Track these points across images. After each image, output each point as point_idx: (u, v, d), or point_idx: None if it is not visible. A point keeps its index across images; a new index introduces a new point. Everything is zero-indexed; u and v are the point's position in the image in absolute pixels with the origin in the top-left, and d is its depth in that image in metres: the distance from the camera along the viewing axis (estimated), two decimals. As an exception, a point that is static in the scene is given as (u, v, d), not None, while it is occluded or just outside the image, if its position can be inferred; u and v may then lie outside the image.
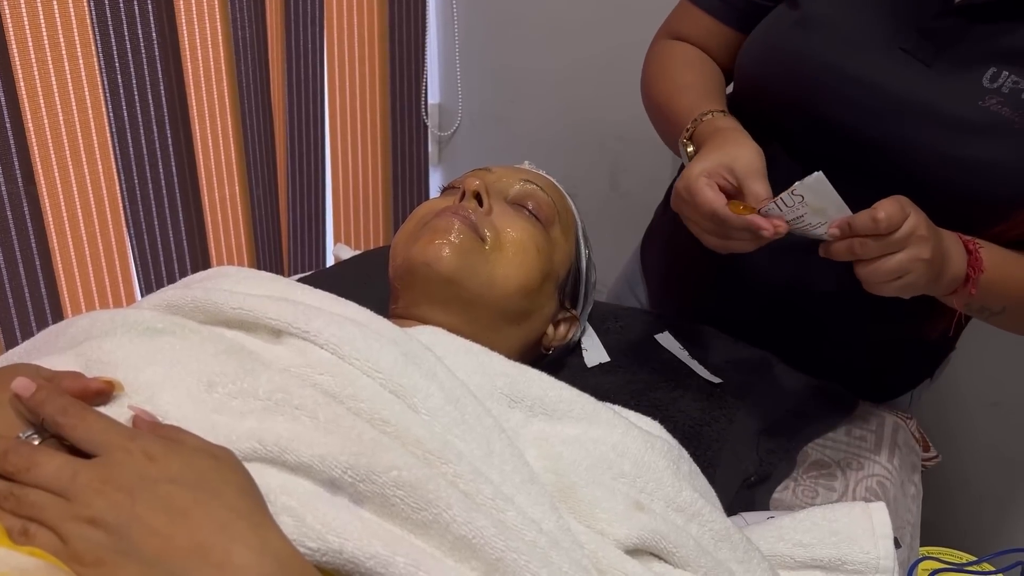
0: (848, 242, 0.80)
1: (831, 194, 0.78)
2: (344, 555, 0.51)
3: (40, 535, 0.47)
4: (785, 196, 0.79)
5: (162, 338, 0.64)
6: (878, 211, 0.78)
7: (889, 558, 0.75)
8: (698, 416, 0.93)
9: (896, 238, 0.79)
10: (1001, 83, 0.89)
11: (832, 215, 0.79)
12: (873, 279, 0.82)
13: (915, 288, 0.83)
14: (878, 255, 0.80)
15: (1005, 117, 0.89)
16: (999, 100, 0.89)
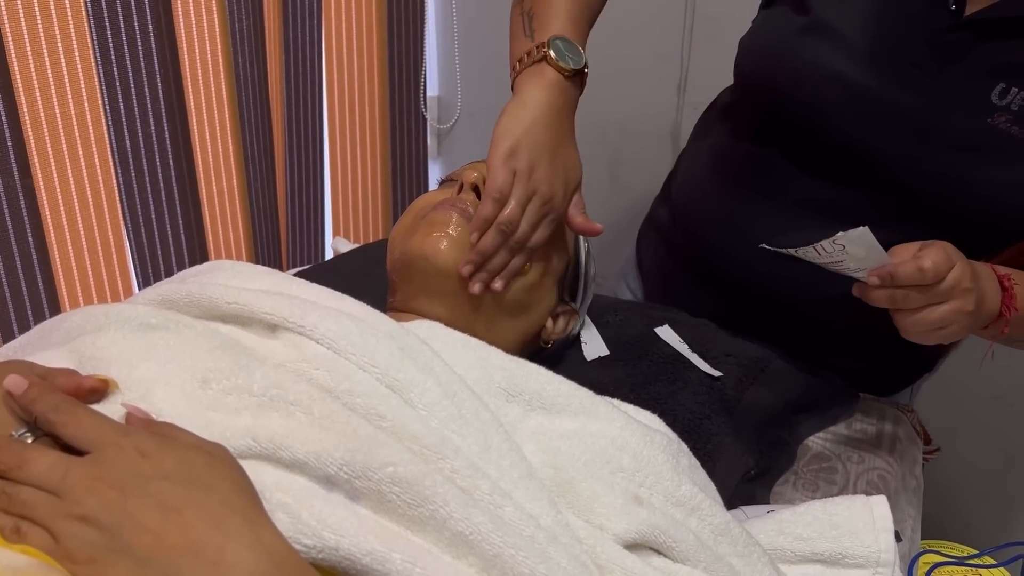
0: (889, 292, 0.79)
1: (874, 246, 0.76)
2: (340, 552, 0.51)
3: (32, 533, 0.46)
4: (826, 243, 0.77)
5: (156, 334, 0.64)
6: (924, 260, 0.77)
7: (890, 551, 0.75)
8: (698, 410, 0.92)
9: (941, 290, 0.78)
10: (1010, 100, 0.88)
11: (871, 264, 0.78)
12: (915, 329, 0.80)
13: (956, 337, 0.82)
14: (920, 306, 0.79)
15: (1014, 136, 0.87)
16: (1008, 118, 0.88)
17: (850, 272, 0.80)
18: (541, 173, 0.82)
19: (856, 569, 0.75)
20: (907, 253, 0.81)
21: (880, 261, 0.78)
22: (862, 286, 0.81)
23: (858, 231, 0.75)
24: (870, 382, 1.10)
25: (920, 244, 0.81)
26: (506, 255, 0.83)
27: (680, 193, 1.17)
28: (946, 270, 0.78)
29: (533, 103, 0.85)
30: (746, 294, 1.05)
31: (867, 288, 0.80)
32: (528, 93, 0.86)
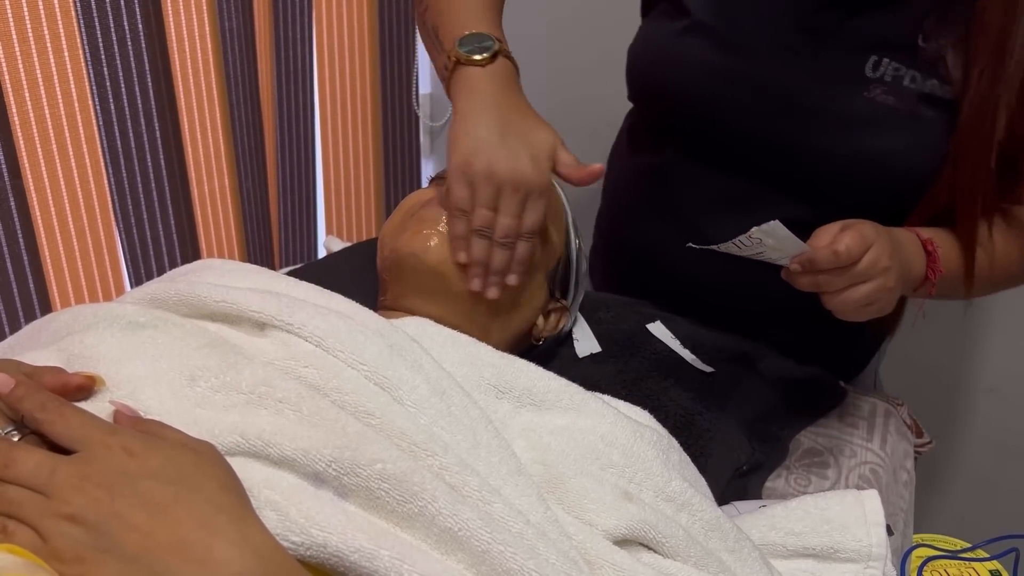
0: (812, 277, 0.82)
1: (788, 236, 0.78)
2: (328, 549, 0.51)
3: (19, 532, 0.46)
4: (743, 238, 0.80)
5: (144, 332, 0.63)
6: (839, 244, 0.79)
7: (882, 546, 0.75)
8: (690, 406, 0.92)
9: (859, 270, 0.81)
10: (883, 71, 0.92)
11: (791, 252, 0.80)
12: (841, 309, 0.83)
13: (887, 310, 0.85)
14: (843, 287, 0.81)
15: (890, 106, 0.91)
16: (883, 89, 0.92)
17: (774, 260, 0.82)
18: (500, 164, 0.80)
19: (848, 563, 0.76)
20: (827, 235, 0.82)
21: (798, 248, 0.80)
22: (788, 271, 0.83)
23: (770, 224, 0.77)
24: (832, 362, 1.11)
25: (841, 225, 0.83)
26: (504, 252, 0.82)
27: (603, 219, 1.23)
28: (860, 252, 0.80)
29: (467, 109, 0.84)
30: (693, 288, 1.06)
31: (792, 274, 0.83)
32: (460, 101, 0.85)
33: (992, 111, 0.87)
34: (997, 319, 1.60)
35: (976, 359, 1.64)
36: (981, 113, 0.88)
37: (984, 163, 0.89)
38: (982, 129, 0.88)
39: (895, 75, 0.91)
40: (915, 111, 0.91)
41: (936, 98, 0.91)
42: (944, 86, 0.90)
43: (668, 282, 1.08)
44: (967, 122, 0.89)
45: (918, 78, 0.91)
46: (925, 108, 0.91)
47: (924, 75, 0.91)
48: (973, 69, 0.88)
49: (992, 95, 0.87)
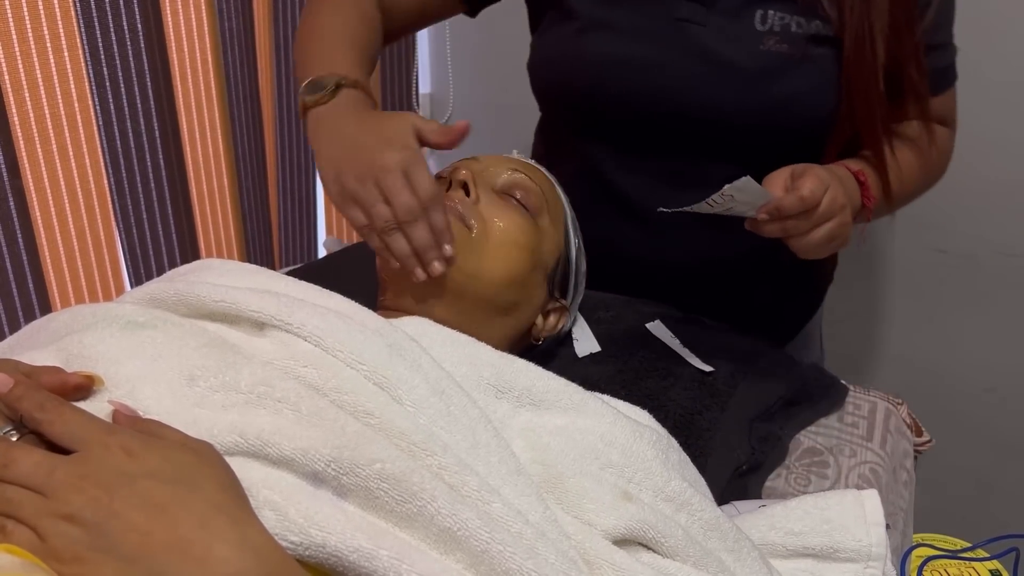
0: (781, 224, 0.86)
1: (758, 190, 0.82)
2: (327, 549, 0.51)
3: (17, 532, 0.46)
4: (716, 196, 0.83)
5: (143, 332, 0.63)
6: (803, 189, 0.84)
7: (881, 545, 0.75)
8: (689, 405, 0.92)
9: (821, 211, 0.85)
10: (771, 23, 0.97)
11: (759, 203, 0.84)
12: (808, 249, 0.88)
13: (844, 245, 0.92)
14: (809, 230, 0.86)
15: (785, 53, 0.97)
16: (775, 39, 0.97)
17: (742, 213, 0.86)
18: (363, 165, 0.80)
19: (848, 563, 0.75)
20: (779, 180, 0.87)
21: (765, 198, 0.84)
22: (754, 222, 0.87)
23: (742, 180, 0.80)
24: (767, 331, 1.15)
25: (790, 170, 0.88)
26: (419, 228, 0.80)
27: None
28: (822, 193, 0.85)
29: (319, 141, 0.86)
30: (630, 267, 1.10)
31: (759, 223, 0.86)
32: (314, 140, 0.88)
33: (870, 40, 0.94)
34: (997, 319, 1.60)
35: (976, 359, 1.64)
36: (860, 44, 0.94)
37: (874, 90, 0.95)
38: (864, 58, 0.95)
39: (782, 24, 0.97)
40: (807, 54, 0.97)
41: (823, 37, 0.97)
42: (827, 25, 0.96)
43: (624, 265, 1.10)
44: (850, 54, 0.95)
45: (803, 23, 0.97)
46: (815, 48, 0.97)
47: (807, 18, 0.97)
48: (844, 4, 0.95)
49: (866, 25, 0.94)
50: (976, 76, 1.47)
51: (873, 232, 1.65)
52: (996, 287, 1.57)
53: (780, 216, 0.84)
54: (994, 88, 1.46)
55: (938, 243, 1.60)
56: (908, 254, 1.63)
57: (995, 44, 1.44)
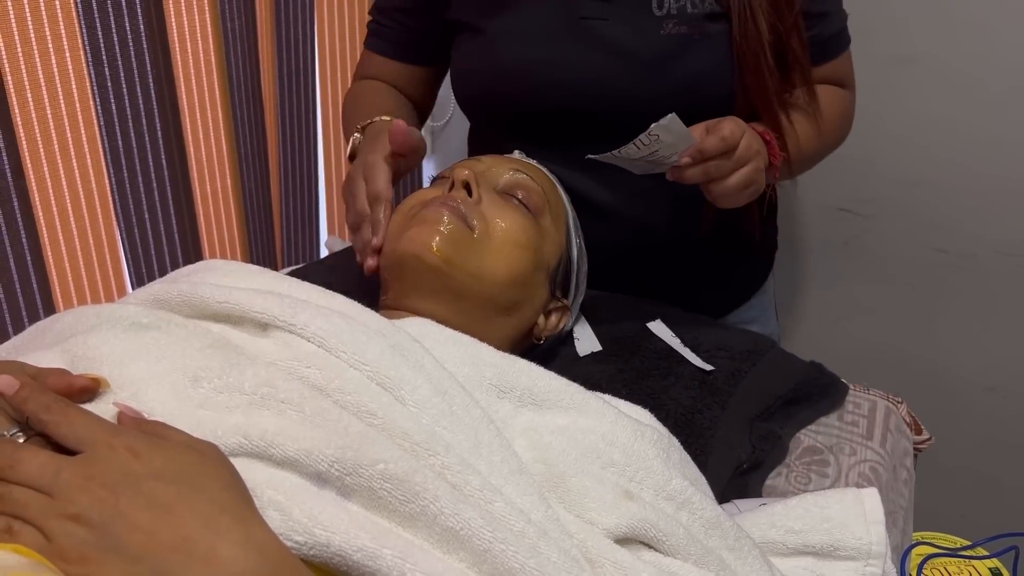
0: (703, 166, 0.89)
1: (683, 131, 0.85)
2: (331, 548, 0.51)
3: (24, 532, 0.47)
4: (642, 137, 0.85)
5: (147, 333, 0.64)
6: (723, 130, 0.88)
7: (881, 544, 0.75)
8: (690, 404, 0.93)
9: (739, 154, 0.90)
10: (667, 6, 1.01)
11: (682, 147, 0.87)
12: (727, 194, 0.92)
13: (759, 192, 0.96)
14: (729, 173, 0.90)
15: (685, 35, 1.01)
16: (674, 22, 1.01)
17: (664, 160, 0.88)
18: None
19: (848, 561, 0.76)
20: (697, 130, 0.90)
21: (688, 142, 0.87)
22: (677, 170, 0.90)
23: (667, 118, 0.83)
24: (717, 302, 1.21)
25: (704, 124, 0.91)
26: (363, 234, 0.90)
27: None
28: (740, 135, 0.89)
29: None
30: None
31: (682, 170, 0.89)
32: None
33: (751, 17, 0.99)
34: (997, 318, 1.60)
35: (976, 358, 1.64)
36: (743, 21, 0.99)
37: (763, 64, 1.00)
38: (748, 34, 1.00)
39: (678, 6, 1.01)
40: (705, 31, 1.01)
41: (717, 15, 1.01)
42: (718, 3, 1.01)
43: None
44: (736, 32, 1.00)
45: (697, 2, 1.01)
46: (712, 26, 1.01)
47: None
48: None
49: (747, 3, 0.99)
50: (976, 77, 1.47)
51: (872, 232, 1.65)
52: (996, 286, 1.58)
53: (702, 158, 0.88)
54: (994, 89, 1.46)
55: (938, 242, 1.60)
56: (908, 253, 1.63)
57: (994, 44, 1.44)
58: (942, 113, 1.51)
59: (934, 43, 1.48)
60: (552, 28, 1.05)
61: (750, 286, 1.27)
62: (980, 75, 1.47)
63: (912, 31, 1.49)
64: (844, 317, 1.75)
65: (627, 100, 1.03)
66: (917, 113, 1.53)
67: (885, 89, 1.53)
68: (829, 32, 1.10)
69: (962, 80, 1.48)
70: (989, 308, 1.60)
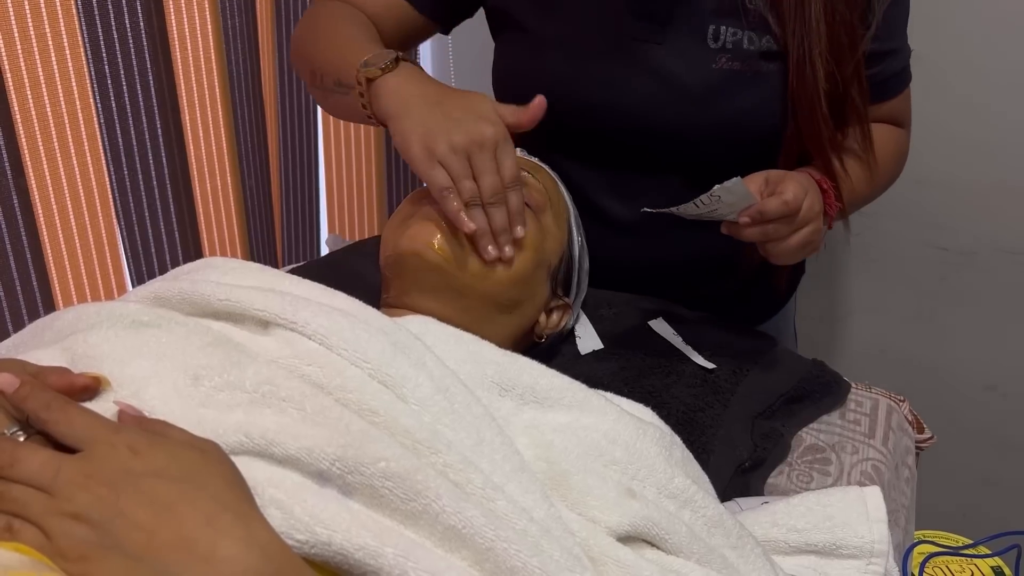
0: (761, 228, 0.86)
1: (745, 192, 0.83)
2: (333, 547, 0.51)
3: (24, 531, 0.46)
4: (704, 197, 0.83)
5: (148, 331, 0.64)
6: (786, 195, 0.85)
7: (884, 542, 0.75)
8: (692, 402, 0.92)
9: (801, 217, 0.87)
10: (723, 40, 0.97)
11: (742, 207, 0.85)
12: (784, 254, 0.90)
13: (816, 251, 0.93)
14: (788, 235, 0.88)
15: (737, 71, 0.98)
16: (727, 57, 0.97)
17: (722, 217, 0.87)
18: (458, 135, 0.82)
19: (850, 560, 0.76)
20: (755, 184, 0.88)
21: (749, 202, 0.85)
22: (732, 225, 0.88)
23: (732, 181, 0.81)
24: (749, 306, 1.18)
25: (764, 175, 0.89)
26: (500, 210, 0.83)
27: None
28: (803, 198, 0.87)
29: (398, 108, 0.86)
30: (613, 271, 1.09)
31: (739, 227, 0.87)
32: (388, 107, 0.87)
33: (810, 64, 0.94)
34: (998, 316, 1.60)
35: (977, 357, 1.64)
36: (800, 68, 0.95)
37: (818, 112, 0.96)
38: (805, 82, 0.95)
39: (734, 40, 0.97)
40: (759, 70, 0.97)
41: (774, 53, 0.97)
42: (777, 41, 0.97)
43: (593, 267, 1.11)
44: (792, 78, 0.96)
45: (754, 38, 0.97)
46: (766, 64, 0.97)
47: (758, 34, 0.97)
48: (786, 28, 0.95)
49: (805, 49, 0.94)
50: (978, 75, 1.47)
51: (873, 230, 1.65)
52: (997, 285, 1.58)
53: (762, 220, 0.85)
54: (996, 87, 1.46)
55: (939, 241, 1.60)
56: (909, 252, 1.63)
57: (995, 42, 1.44)
58: (944, 111, 1.50)
59: (934, 42, 1.48)
60: (602, 43, 1.01)
61: (768, 308, 1.23)
62: (981, 72, 1.47)
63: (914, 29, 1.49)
64: (845, 316, 1.75)
65: (671, 130, 1.00)
66: (919, 111, 1.52)
67: (886, 87, 1.53)
68: (892, 70, 1.05)
69: (962, 77, 1.48)
70: (990, 306, 1.60)
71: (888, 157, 1.09)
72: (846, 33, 0.95)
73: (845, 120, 1.00)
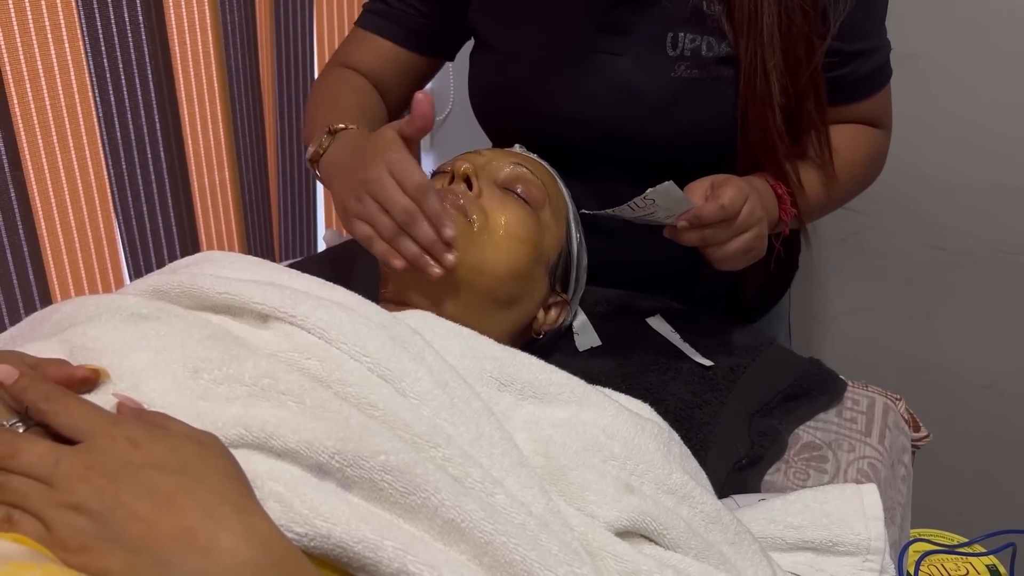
0: (699, 232, 0.85)
1: (680, 197, 0.82)
2: (332, 540, 0.51)
3: (24, 522, 0.47)
4: (638, 200, 0.83)
5: (147, 324, 0.64)
6: (722, 199, 0.84)
7: (880, 539, 0.76)
8: (689, 399, 0.93)
9: (740, 222, 0.86)
10: (682, 47, 0.96)
11: (679, 211, 0.84)
12: (724, 259, 0.88)
13: (759, 257, 0.91)
14: (726, 240, 0.86)
15: (696, 78, 0.97)
16: (686, 64, 0.97)
17: (661, 220, 0.86)
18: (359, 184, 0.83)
19: (846, 556, 0.76)
20: (700, 189, 0.88)
21: (686, 206, 0.84)
22: (672, 229, 0.87)
23: (664, 185, 0.80)
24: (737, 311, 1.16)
25: (710, 180, 0.88)
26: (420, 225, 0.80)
27: None
28: (741, 203, 0.85)
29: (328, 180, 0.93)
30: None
31: (678, 231, 0.86)
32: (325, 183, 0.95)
33: (763, 77, 0.93)
34: (995, 316, 1.61)
35: (973, 356, 1.65)
36: (752, 79, 0.94)
37: (770, 122, 0.94)
38: (758, 93, 0.94)
39: (693, 47, 0.96)
40: (719, 75, 0.96)
41: (734, 58, 0.95)
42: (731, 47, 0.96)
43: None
44: (744, 87, 0.95)
45: (713, 44, 0.96)
46: (726, 70, 0.96)
47: (716, 39, 0.96)
48: (740, 40, 0.94)
49: (758, 61, 0.93)
50: (974, 74, 1.47)
51: (871, 230, 1.65)
52: (994, 284, 1.58)
53: (700, 224, 0.84)
54: (992, 86, 1.47)
55: (936, 240, 1.61)
56: (906, 251, 1.64)
57: (992, 41, 1.44)
58: (940, 111, 1.51)
59: (932, 40, 1.48)
60: (567, 57, 1.01)
61: (760, 307, 1.23)
62: (978, 73, 1.47)
63: (910, 28, 1.49)
64: (842, 314, 1.76)
65: (632, 139, 1.00)
66: (915, 111, 1.53)
67: (885, 86, 1.53)
68: (865, 71, 1.02)
69: (960, 78, 1.48)
70: (987, 306, 1.60)
71: (860, 160, 1.07)
72: (802, 45, 0.93)
73: (802, 129, 0.99)
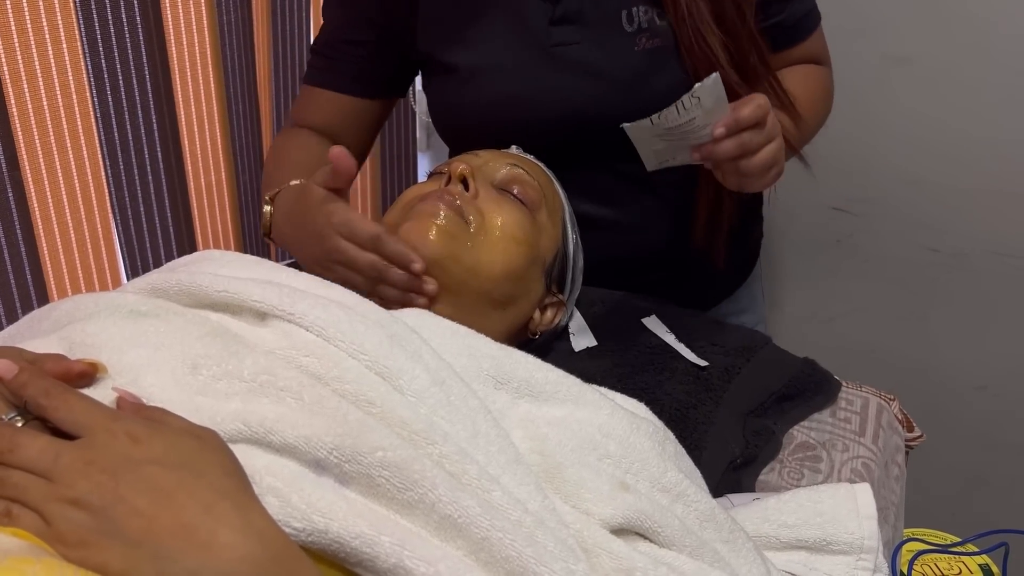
0: (737, 138, 0.87)
1: (722, 95, 0.84)
2: (329, 535, 0.51)
3: (23, 516, 0.47)
4: (685, 99, 0.84)
5: (146, 321, 0.64)
6: (757, 98, 0.87)
7: (873, 539, 0.76)
8: (684, 399, 0.93)
9: (769, 127, 0.88)
10: (637, 21, 0.99)
11: (717, 117, 0.85)
12: (755, 170, 0.89)
13: (780, 174, 0.94)
14: (759, 147, 0.88)
15: (659, 47, 1.00)
16: (646, 36, 1.00)
17: (698, 131, 0.87)
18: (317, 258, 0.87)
19: (840, 555, 0.76)
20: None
21: (723, 111, 0.86)
22: (707, 147, 0.87)
23: (711, 78, 0.83)
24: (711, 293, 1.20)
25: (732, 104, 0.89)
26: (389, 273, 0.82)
27: None
28: (768, 107, 0.88)
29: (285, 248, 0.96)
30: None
31: (715, 145, 0.87)
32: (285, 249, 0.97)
33: (699, 39, 0.97)
34: (989, 317, 1.61)
35: (967, 357, 1.65)
36: (689, 42, 0.98)
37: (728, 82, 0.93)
38: (698, 55, 0.98)
39: (647, 18, 0.99)
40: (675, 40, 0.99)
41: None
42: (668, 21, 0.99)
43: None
44: (685, 53, 0.99)
45: (661, 13, 0.99)
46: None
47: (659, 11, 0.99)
48: (667, 6, 0.98)
49: (691, 26, 0.97)
50: (969, 77, 1.48)
51: (865, 231, 1.66)
52: (988, 286, 1.59)
53: (737, 128, 0.86)
54: (987, 89, 1.47)
55: (930, 242, 1.61)
56: (900, 253, 1.64)
57: (987, 44, 1.45)
58: (935, 113, 1.52)
59: (927, 43, 1.49)
60: (524, 60, 1.02)
61: (736, 278, 1.26)
62: (973, 75, 1.48)
63: (905, 31, 1.50)
64: (837, 316, 1.76)
65: (610, 121, 0.98)
66: (910, 113, 1.54)
67: (878, 89, 1.54)
68: (799, 14, 1.10)
69: (955, 80, 1.49)
70: (981, 307, 1.61)
71: (815, 94, 1.12)
72: (732, 4, 0.98)
73: (754, 81, 1.02)
